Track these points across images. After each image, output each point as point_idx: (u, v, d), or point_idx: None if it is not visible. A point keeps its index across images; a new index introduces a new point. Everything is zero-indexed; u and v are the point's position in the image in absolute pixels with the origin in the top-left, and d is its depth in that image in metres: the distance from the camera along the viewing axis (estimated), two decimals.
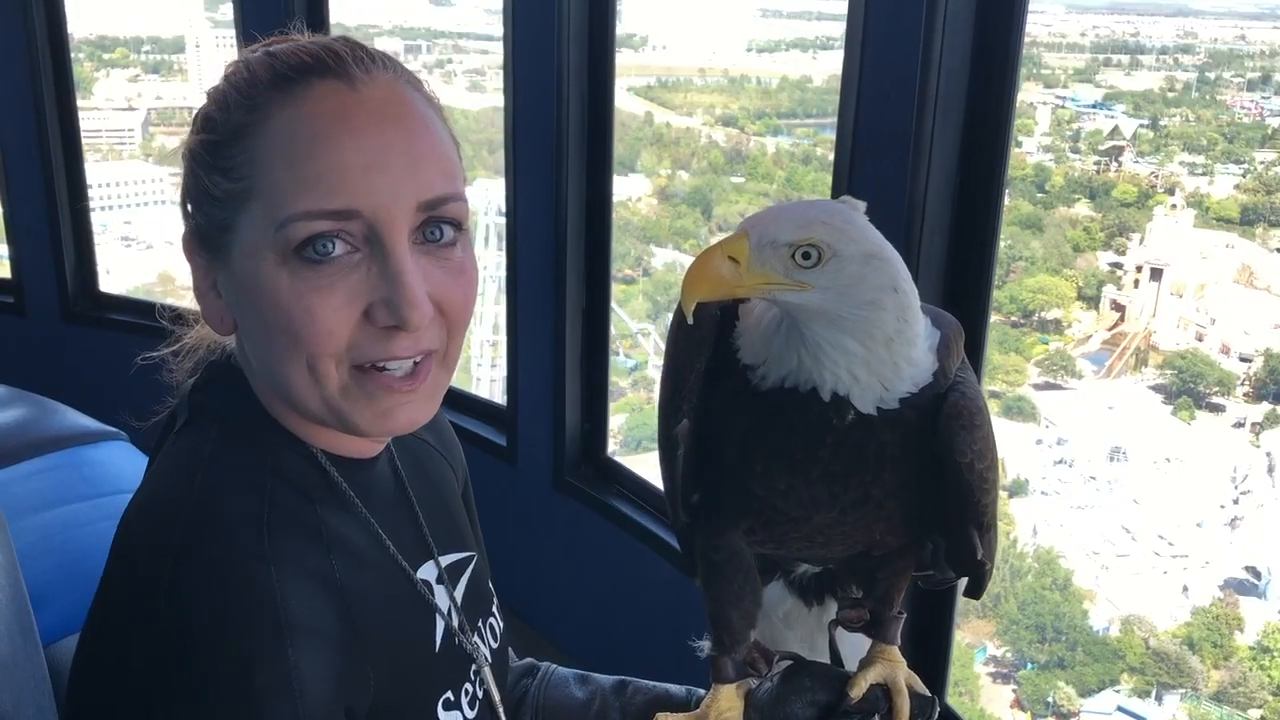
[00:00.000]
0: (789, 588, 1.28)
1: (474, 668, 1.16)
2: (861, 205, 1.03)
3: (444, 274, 0.98)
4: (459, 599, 1.19)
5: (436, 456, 1.30)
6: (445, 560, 1.19)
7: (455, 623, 1.15)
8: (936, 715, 1.19)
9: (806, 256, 0.96)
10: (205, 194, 0.98)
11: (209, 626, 0.89)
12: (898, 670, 1.18)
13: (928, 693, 1.19)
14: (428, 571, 1.15)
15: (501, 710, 1.20)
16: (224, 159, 0.96)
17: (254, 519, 0.95)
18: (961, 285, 1.92)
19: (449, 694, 1.11)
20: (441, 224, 0.98)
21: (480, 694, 1.17)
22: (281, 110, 0.95)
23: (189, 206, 1.02)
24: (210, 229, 0.99)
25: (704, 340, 1.09)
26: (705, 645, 1.22)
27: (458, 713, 1.11)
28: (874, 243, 0.99)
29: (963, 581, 1.21)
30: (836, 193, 2.03)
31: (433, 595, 1.13)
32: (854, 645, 1.25)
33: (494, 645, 1.24)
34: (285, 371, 0.97)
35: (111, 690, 0.90)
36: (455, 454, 1.36)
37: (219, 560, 0.92)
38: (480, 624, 1.22)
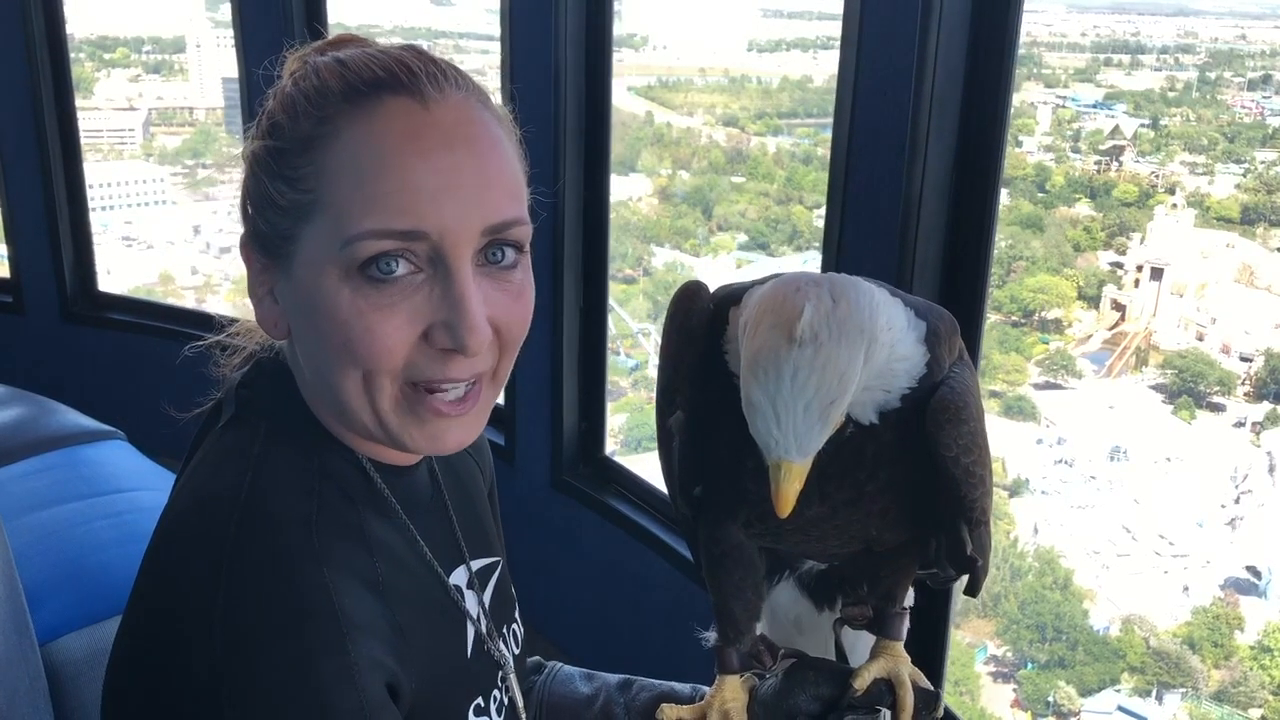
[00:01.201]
0: (799, 588, 1.28)
1: (501, 674, 1.16)
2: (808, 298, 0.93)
3: (504, 297, 0.98)
4: (487, 604, 1.19)
5: (469, 461, 1.30)
6: (475, 565, 1.18)
7: (484, 628, 1.15)
8: (941, 709, 1.19)
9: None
10: (268, 200, 0.97)
11: (269, 623, 0.88)
12: (901, 665, 1.18)
13: (931, 687, 1.19)
14: (459, 576, 1.14)
15: (525, 717, 1.20)
16: (290, 168, 0.95)
17: (304, 520, 0.95)
18: (957, 284, 1.92)
19: (480, 700, 1.10)
20: (505, 246, 0.97)
21: (506, 700, 1.17)
22: (352, 125, 0.93)
23: (249, 209, 1.01)
24: (272, 236, 0.97)
25: (697, 333, 1.09)
26: (710, 636, 1.22)
27: (487, 718, 1.11)
28: (857, 329, 0.92)
29: (962, 579, 1.21)
30: (833, 191, 2.03)
31: (463, 600, 1.13)
32: (859, 644, 1.25)
33: (516, 651, 1.24)
34: (339, 383, 0.97)
35: (171, 690, 0.89)
36: (485, 457, 1.37)
37: (273, 559, 0.92)
38: (504, 630, 1.22)
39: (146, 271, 6.94)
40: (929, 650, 1.99)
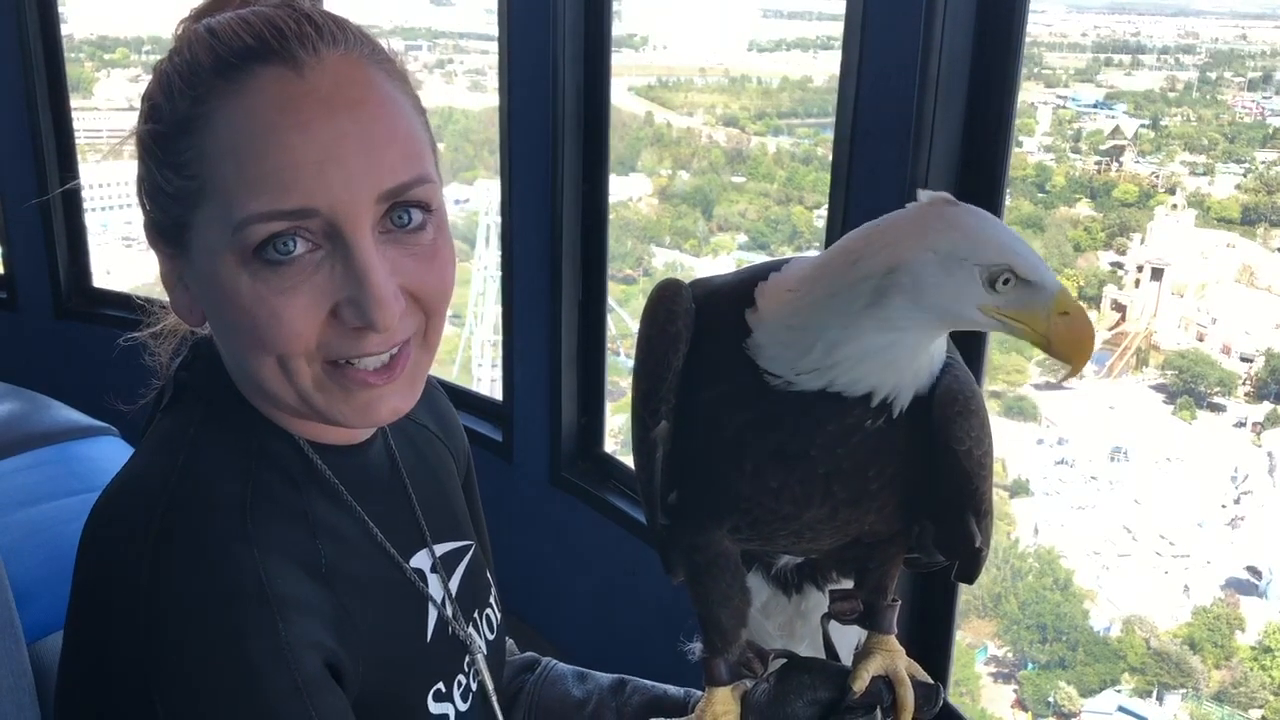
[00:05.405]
0: (769, 580, 1.24)
1: (468, 659, 1.14)
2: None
3: (415, 261, 0.93)
4: (454, 589, 1.16)
5: (436, 442, 1.27)
6: (440, 549, 1.16)
7: (449, 613, 1.13)
8: (941, 702, 1.16)
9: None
10: (159, 189, 0.93)
11: (194, 605, 0.86)
12: (898, 660, 1.14)
13: (930, 680, 1.16)
14: (421, 560, 1.12)
15: (495, 702, 1.18)
16: (173, 154, 0.91)
17: (237, 502, 0.93)
18: None
19: (440, 685, 1.08)
20: (409, 208, 0.92)
21: (474, 686, 1.14)
22: (225, 103, 0.88)
23: (144, 198, 0.97)
24: (168, 224, 0.94)
25: (681, 336, 1.04)
26: (696, 647, 1.18)
27: (449, 704, 1.09)
28: None
29: (950, 565, 1.18)
30: (835, 185, 2.01)
31: (425, 584, 1.10)
32: (847, 637, 1.22)
33: (490, 637, 1.21)
34: (256, 369, 0.94)
35: (104, 678, 0.88)
36: (456, 439, 1.33)
37: (201, 541, 0.89)
38: (476, 615, 1.20)
39: (146, 271, 6.92)
40: (933, 649, 1.98)
